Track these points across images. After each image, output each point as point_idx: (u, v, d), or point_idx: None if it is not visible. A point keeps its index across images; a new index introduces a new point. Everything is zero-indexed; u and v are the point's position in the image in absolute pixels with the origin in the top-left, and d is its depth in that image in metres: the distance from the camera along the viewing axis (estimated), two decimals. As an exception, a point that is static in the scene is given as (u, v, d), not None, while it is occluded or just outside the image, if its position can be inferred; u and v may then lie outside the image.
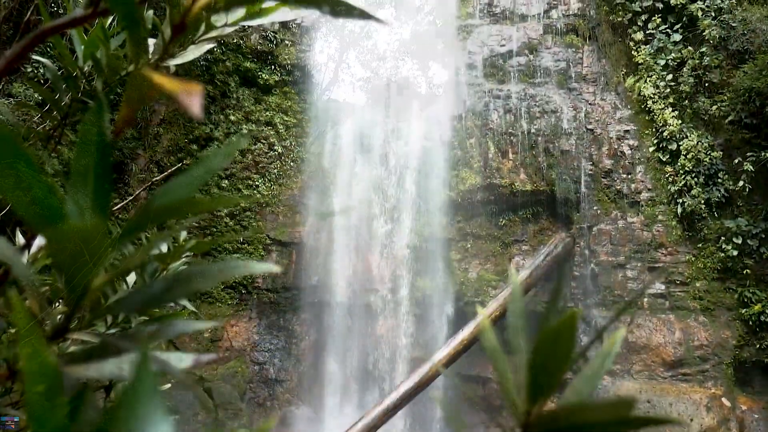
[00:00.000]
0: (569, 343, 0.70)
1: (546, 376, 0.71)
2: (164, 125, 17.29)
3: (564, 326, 0.69)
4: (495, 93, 17.72)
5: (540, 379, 0.71)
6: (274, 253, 17.37)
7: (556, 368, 0.70)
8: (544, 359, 0.70)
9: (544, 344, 0.70)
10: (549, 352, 0.70)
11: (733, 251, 14.42)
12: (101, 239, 0.55)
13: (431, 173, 17.23)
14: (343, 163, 17.67)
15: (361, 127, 17.74)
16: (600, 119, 17.01)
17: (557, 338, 0.69)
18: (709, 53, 15.39)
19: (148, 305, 0.72)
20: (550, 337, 0.69)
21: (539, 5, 18.89)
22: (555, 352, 0.70)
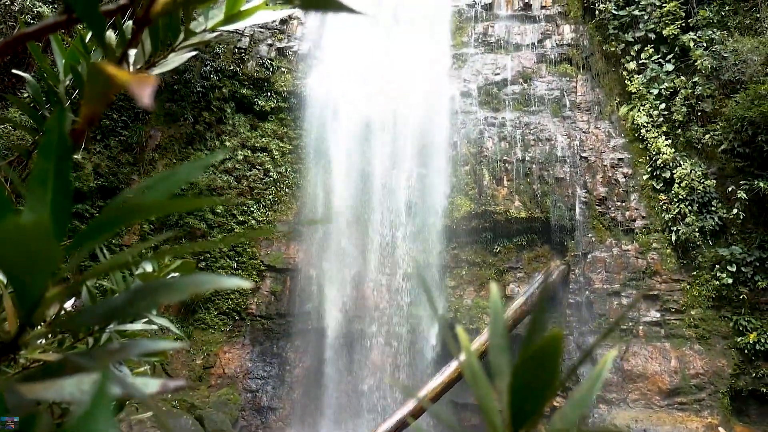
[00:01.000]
0: (553, 365, 0.66)
1: (530, 401, 0.67)
2: (159, 151, 17.32)
3: (547, 346, 0.65)
4: (490, 121, 17.82)
5: (523, 404, 0.67)
6: (269, 279, 17.27)
7: (540, 392, 0.66)
8: (527, 382, 0.66)
9: (526, 366, 0.66)
10: (532, 374, 0.66)
11: (727, 279, 14.40)
12: (52, 241, 0.53)
13: (426, 200, 17.23)
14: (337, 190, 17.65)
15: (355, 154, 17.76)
16: (594, 147, 17.10)
17: (540, 359, 0.65)
18: (702, 83, 15.55)
19: (109, 319, 0.68)
20: (533, 358, 0.65)
21: (533, 35, 19.11)
22: (538, 375, 0.66)
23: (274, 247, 17.42)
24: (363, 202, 17.49)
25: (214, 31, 1.11)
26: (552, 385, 0.67)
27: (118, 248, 16.15)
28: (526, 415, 0.67)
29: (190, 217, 16.97)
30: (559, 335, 0.66)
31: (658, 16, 16.60)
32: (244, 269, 17.06)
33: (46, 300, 0.62)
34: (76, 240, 0.65)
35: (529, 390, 0.67)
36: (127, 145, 16.77)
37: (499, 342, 0.83)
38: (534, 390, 0.67)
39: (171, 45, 1.16)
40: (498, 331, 0.84)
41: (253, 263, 17.17)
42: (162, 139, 17.38)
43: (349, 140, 17.78)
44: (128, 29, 1.24)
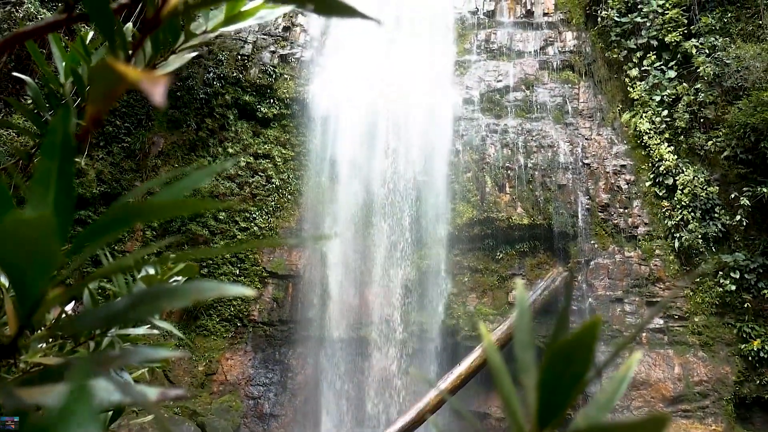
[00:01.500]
0: (587, 356, 0.63)
1: (559, 396, 0.64)
2: (162, 157, 17.35)
3: (584, 335, 0.63)
4: (492, 127, 17.83)
5: (551, 400, 0.64)
6: (271, 285, 17.26)
7: (570, 386, 0.63)
8: (557, 376, 0.64)
9: (558, 358, 0.63)
10: (563, 366, 0.63)
11: (731, 286, 14.36)
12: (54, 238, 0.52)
13: (428, 207, 17.23)
14: (339, 196, 17.66)
15: (358, 160, 17.78)
16: (596, 154, 17.09)
17: (574, 350, 0.63)
18: (704, 90, 15.54)
19: (110, 323, 0.67)
20: (566, 348, 0.63)
21: (535, 42, 19.14)
22: (570, 367, 0.63)
23: (277, 253, 17.41)
24: (365, 209, 17.49)
25: (214, 32, 1.10)
26: (583, 379, 0.64)
27: (120, 254, 16.15)
28: (554, 411, 0.65)
29: (192, 223, 16.98)
30: (598, 322, 0.64)
31: (660, 23, 16.62)
32: (246, 276, 17.05)
33: (46, 301, 0.62)
34: (77, 242, 0.64)
35: (558, 385, 0.64)
36: (129, 152, 16.81)
37: (525, 337, 0.82)
38: (564, 384, 0.64)
39: (171, 47, 1.15)
40: (523, 327, 0.84)
41: (255, 270, 17.17)
42: (165, 145, 17.41)
43: (351, 147, 17.80)
44: (128, 31, 1.23)
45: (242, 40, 18.88)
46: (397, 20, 19.71)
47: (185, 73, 17.76)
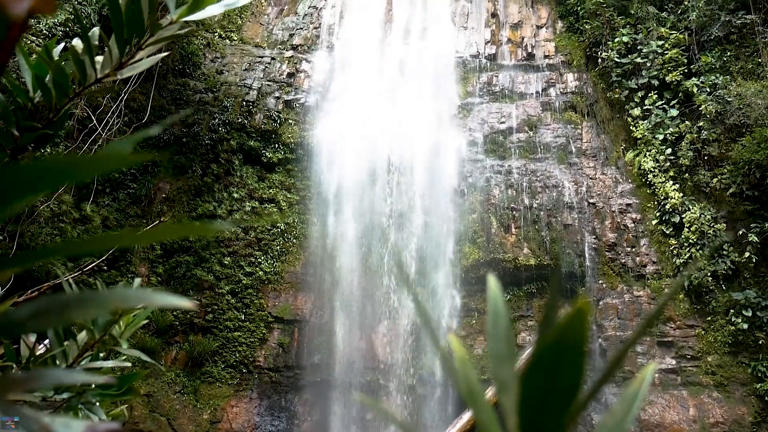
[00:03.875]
0: (577, 360, 0.51)
1: (548, 417, 0.52)
2: (167, 203, 17.40)
3: (568, 328, 0.51)
4: (496, 168, 17.87)
5: (539, 423, 0.52)
6: (276, 330, 17.08)
7: (561, 402, 0.51)
8: (543, 389, 0.52)
9: (540, 365, 0.51)
10: (549, 376, 0.51)
11: (743, 324, 14.12)
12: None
13: (434, 249, 17.15)
14: (344, 240, 17.61)
15: (363, 204, 17.80)
16: (601, 193, 17.06)
17: (560, 352, 0.51)
18: (707, 127, 15.59)
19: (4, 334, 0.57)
20: (550, 352, 0.51)
21: (537, 84, 19.33)
22: (558, 377, 0.51)
23: (282, 298, 17.29)
24: (371, 252, 17.43)
25: (179, 21, 1.07)
26: (576, 394, 0.52)
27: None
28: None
29: (198, 269, 16.92)
30: (585, 309, 0.52)
31: (661, 63, 16.78)
32: (251, 321, 16.90)
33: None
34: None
35: (545, 401, 0.52)
36: (135, 198, 16.88)
37: (501, 348, 0.69)
38: (553, 400, 0.52)
39: (138, 43, 1.12)
40: (499, 334, 0.70)
41: (260, 315, 17.02)
42: (170, 191, 17.49)
43: (356, 191, 17.84)
44: (94, 35, 1.21)
45: (247, 86, 19.14)
46: (401, 65, 20.00)
47: (191, 119, 17.97)
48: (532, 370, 0.53)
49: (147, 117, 16.96)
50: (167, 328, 16.28)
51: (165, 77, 18.08)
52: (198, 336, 16.51)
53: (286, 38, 21.17)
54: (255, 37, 21.15)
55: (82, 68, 1.19)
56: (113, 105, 15.80)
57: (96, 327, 1.54)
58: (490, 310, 0.76)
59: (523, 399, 0.54)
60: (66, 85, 1.22)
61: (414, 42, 20.53)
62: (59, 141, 14.85)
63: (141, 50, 1.16)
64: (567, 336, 0.52)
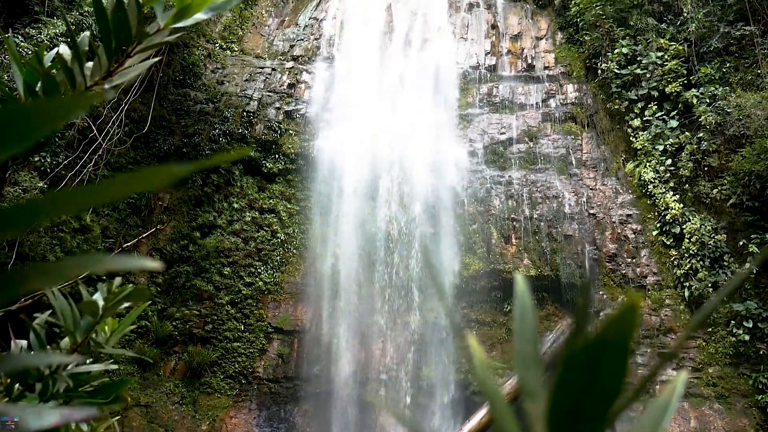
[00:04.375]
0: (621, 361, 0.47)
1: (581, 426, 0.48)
2: (167, 213, 17.40)
3: (615, 328, 0.46)
4: (496, 179, 17.88)
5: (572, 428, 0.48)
6: (276, 341, 17.02)
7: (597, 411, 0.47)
8: (578, 395, 0.47)
9: (576, 369, 0.47)
10: (585, 381, 0.47)
11: (744, 335, 14.06)
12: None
13: (434, 260, 17.12)
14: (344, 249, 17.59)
15: (364, 214, 17.80)
16: (602, 204, 17.06)
17: (601, 353, 0.46)
18: (707, 138, 15.60)
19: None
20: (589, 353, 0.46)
21: (537, 95, 19.38)
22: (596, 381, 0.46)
23: (282, 308, 17.24)
24: (371, 263, 17.40)
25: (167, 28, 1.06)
26: (617, 394, 0.47)
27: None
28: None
29: (197, 279, 16.89)
30: (636, 303, 0.48)
31: (660, 74, 16.82)
32: (251, 331, 16.84)
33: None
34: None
35: (579, 408, 0.48)
36: (135, 208, 16.87)
37: (528, 349, 0.64)
38: (588, 407, 0.47)
39: (126, 50, 1.11)
40: (526, 335, 0.65)
41: (260, 325, 16.97)
42: (170, 201, 17.49)
43: (356, 200, 17.84)
44: (84, 42, 1.20)
45: (248, 97, 19.19)
46: (401, 76, 20.06)
47: (191, 129, 18.01)
48: (566, 372, 0.48)
49: (147, 127, 16.99)
50: (166, 338, 16.23)
51: (166, 87, 18.13)
52: (197, 346, 16.45)
53: (287, 49, 21.25)
54: (256, 47, 21.23)
55: (71, 76, 1.18)
56: (114, 115, 15.83)
57: (78, 330, 1.52)
58: (517, 309, 0.71)
59: (553, 405, 0.49)
60: (55, 92, 1.21)
61: (414, 53, 20.60)
62: (59, 151, 14.88)
63: (129, 57, 1.16)
64: (612, 333, 0.47)
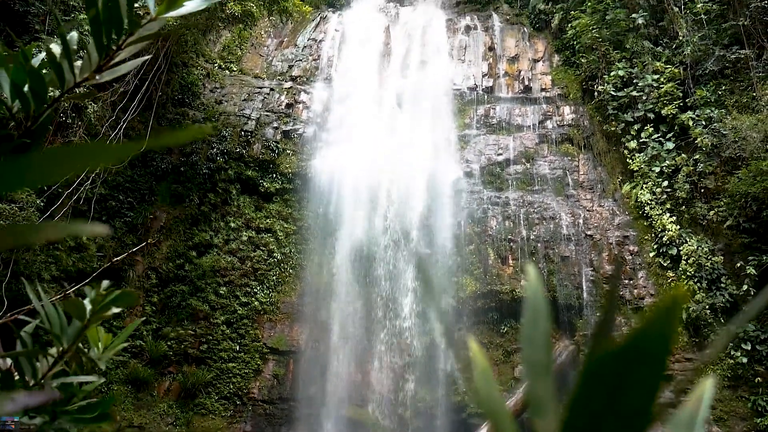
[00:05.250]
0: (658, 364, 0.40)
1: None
2: (164, 232, 17.35)
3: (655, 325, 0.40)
4: (493, 200, 17.89)
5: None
6: (271, 362, 16.88)
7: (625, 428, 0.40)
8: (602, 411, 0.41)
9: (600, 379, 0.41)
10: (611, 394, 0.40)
11: (742, 358, 13.98)
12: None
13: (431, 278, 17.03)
14: (341, 270, 17.53)
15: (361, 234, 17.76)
16: (599, 225, 17.05)
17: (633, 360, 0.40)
18: (703, 160, 15.65)
19: None
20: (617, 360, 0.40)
21: (534, 116, 19.47)
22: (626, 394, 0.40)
23: (278, 328, 17.14)
24: (368, 283, 17.33)
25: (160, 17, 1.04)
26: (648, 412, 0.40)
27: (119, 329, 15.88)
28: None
29: (192, 298, 16.80)
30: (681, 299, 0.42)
31: (656, 97, 16.92)
32: (246, 352, 16.71)
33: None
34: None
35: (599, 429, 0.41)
36: (131, 226, 16.82)
37: (539, 356, 0.55)
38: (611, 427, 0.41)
39: (116, 43, 1.09)
40: (537, 340, 0.57)
41: (255, 346, 16.84)
42: (167, 220, 17.45)
43: (353, 220, 17.82)
44: (73, 39, 1.18)
45: (246, 116, 19.25)
46: (399, 97, 20.16)
47: (189, 149, 18.02)
48: (586, 384, 0.42)
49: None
50: (161, 358, 16.10)
51: (164, 106, 18.18)
52: (192, 366, 16.31)
53: (286, 69, 21.36)
54: (254, 68, 21.34)
55: (60, 72, 1.15)
56: (112, 133, 15.85)
57: (65, 336, 1.47)
58: (527, 308, 0.62)
59: (567, 423, 0.43)
60: (43, 90, 1.18)
61: (412, 74, 20.73)
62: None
63: (121, 50, 1.14)
64: (646, 338, 0.40)
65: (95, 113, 15.36)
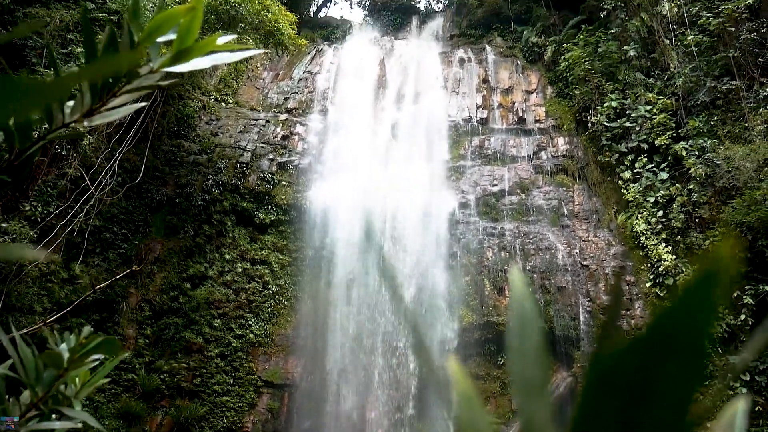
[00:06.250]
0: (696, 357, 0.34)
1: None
2: (158, 263, 17.23)
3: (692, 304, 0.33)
4: (489, 231, 17.88)
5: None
6: (266, 395, 16.65)
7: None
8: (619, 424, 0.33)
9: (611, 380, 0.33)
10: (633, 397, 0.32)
11: (741, 389, 13.84)
12: None
13: (427, 311, 16.95)
14: (336, 302, 17.41)
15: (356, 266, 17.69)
16: (595, 255, 17.03)
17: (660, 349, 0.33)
18: (697, 190, 15.70)
19: None
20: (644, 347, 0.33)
21: (528, 147, 19.58)
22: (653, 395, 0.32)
23: (272, 361, 16.94)
24: (363, 316, 17.20)
25: (161, 71, 1.01)
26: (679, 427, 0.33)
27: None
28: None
29: (186, 331, 16.61)
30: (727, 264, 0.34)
31: (649, 127, 17.05)
32: (240, 385, 16.49)
33: None
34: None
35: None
36: (125, 258, 16.71)
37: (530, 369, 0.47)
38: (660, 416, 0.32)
39: (112, 89, 1.06)
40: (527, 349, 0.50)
41: (250, 379, 16.62)
42: (161, 251, 17.35)
43: (349, 252, 17.76)
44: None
45: (241, 148, 19.31)
46: (394, 129, 20.29)
47: (184, 180, 18.02)
48: (595, 392, 0.34)
49: (140, 177, 16.99)
50: (153, 392, 15.85)
51: (160, 138, 18.22)
52: (185, 400, 16.05)
53: (281, 102, 21.50)
54: (250, 100, 21.48)
55: (49, 111, 1.13)
56: (107, 165, 15.85)
57: (40, 383, 1.40)
58: (513, 315, 0.55)
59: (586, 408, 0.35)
60: (28, 128, 1.15)
61: (407, 106, 20.90)
62: (51, 200, 14.82)
63: (115, 97, 1.11)
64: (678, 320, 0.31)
65: (90, 145, 15.38)
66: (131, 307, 16.54)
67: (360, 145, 19.65)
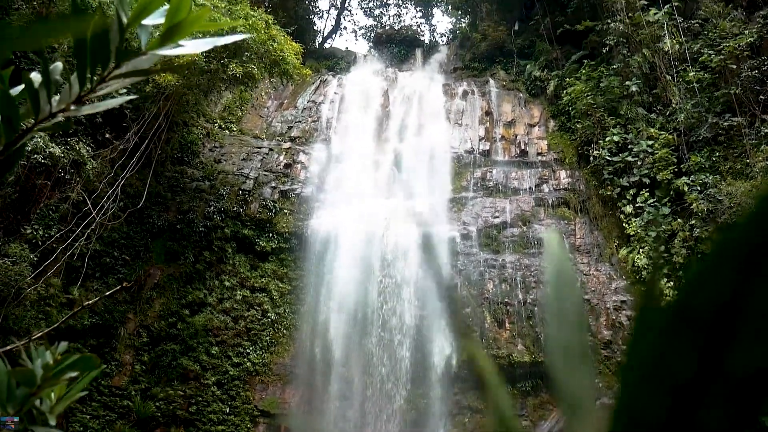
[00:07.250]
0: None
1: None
2: (157, 289, 17.17)
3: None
4: (490, 263, 17.82)
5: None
6: (262, 425, 16.44)
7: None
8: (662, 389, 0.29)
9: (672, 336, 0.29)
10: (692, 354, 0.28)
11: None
12: None
13: (426, 344, 16.82)
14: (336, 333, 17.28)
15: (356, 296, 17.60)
16: (596, 290, 16.95)
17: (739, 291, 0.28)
18: (699, 225, 15.66)
19: None
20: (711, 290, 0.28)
21: (530, 180, 19.62)
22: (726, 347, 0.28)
23: (269, 390, 16.76)
24: (362, 346, 17.07)
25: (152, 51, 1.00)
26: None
27: (107, 389, 15.56)
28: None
29: (183, 358, 16.47)
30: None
31: (651, 162, 17.09)
32: (236, 414, 16.29)
33: None
34: None
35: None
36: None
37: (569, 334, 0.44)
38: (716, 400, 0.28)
39: (101, 74, 1.04)
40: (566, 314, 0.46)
41: (246, 408, 16.44)
42: (161, 277, 17.30)
43: (349, 282, 17.69)
44: (56, 69, 1.14)
45: (244, 175, 19.38)
46: (396, 159, 20.37)
47: (186, 206, 18.04)
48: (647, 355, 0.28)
49: (143, 202, 17.02)
50: (148, 420, 15.66)
51: (163, 164, 18.30)
52: (180, 429, 15.86)
53: (285, 130, 21.64)
54: (254, 128, 21.63)
55: (36, 100, 1.11)
56: (109, 190, 15.90)
57: (12, 401, 1.36)
58: (551, 276, 0.52)
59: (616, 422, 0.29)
60: (15, 118, 1.13)
61: (410, 137, 21.01)
62: (52, 224, 14.83)
63: (105, 83, 1.09)
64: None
65: (94, 169, 15.44)
66: (129, 332, 16.44)
67: (362, 175, 19.72)
